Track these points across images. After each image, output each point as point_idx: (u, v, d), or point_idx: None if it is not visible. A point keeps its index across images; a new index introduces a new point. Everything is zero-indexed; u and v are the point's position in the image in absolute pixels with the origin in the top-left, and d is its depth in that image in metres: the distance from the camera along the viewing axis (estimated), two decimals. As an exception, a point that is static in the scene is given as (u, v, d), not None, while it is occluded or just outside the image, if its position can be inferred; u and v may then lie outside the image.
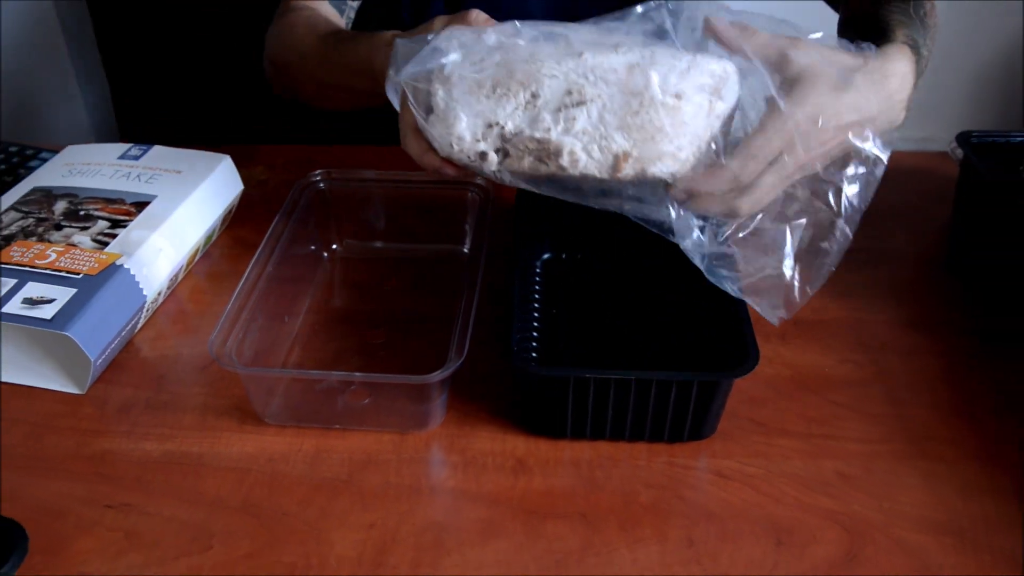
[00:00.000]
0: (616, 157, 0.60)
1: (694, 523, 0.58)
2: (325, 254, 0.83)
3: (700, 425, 0.62)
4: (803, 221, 0.65)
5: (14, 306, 0.66)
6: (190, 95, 1.78)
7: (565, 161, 0.61)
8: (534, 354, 0.68)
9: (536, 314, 0.71)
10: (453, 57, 0.61)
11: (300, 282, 0.78)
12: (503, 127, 0.61)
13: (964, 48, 1.92)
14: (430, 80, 0.61)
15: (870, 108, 0.62)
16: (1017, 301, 0.76)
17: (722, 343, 0.65)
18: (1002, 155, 0.84)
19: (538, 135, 0.60)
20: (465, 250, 0.82)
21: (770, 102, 0.60)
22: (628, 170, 0.60)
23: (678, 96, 0.59)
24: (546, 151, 0.61)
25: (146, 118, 1.82)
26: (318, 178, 0.82)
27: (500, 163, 0.62)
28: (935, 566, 0.55)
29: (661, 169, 0.60)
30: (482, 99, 0.60)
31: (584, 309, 0.74)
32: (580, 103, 0.60)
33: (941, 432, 0.65)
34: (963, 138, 0.85)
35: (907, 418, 0.66)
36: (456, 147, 0.62)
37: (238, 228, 0.88)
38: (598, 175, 0.61)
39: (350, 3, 0.95)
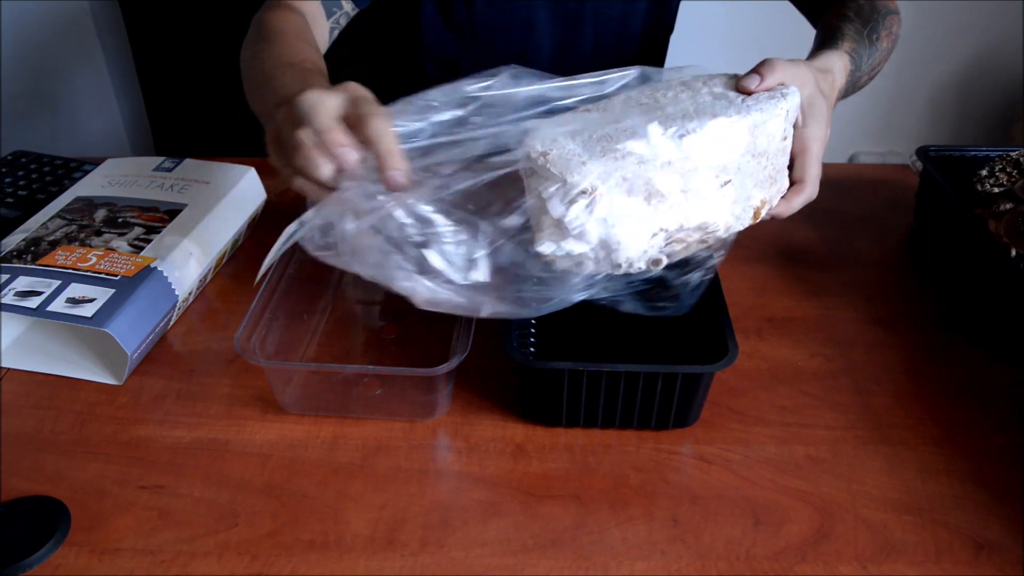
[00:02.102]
0: (755, 209, 0.61)
1: (679, 504, 0.57)
2: (341, 257, 0.83)
3: (684, 414, 0.62)
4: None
5: (59, 305, 0.66)
6: (220, 112, 1.78)
7: (721, 232, 0.59)
8: (532, 348, 0.68)
9: (534, 312, 0.70)
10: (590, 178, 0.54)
11: (318, 283, 0.77)
12: (669, 232, 0.57)
13: (924, 70, 1.93)
14: (563, 219, 0.55)
15: (834, 100, 0.71)
16: (971, 300, 0.76)
17: (704, 339, 0.64)
18: (958, 167, 0.84)
19: (697, 224, 0.58)
20: (469, 254, 0.82)
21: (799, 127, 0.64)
22: (763, 215, 0.62)
23: (785, 138, 0.61)
24: (705, 231, 0.59)
25: (179, 133, 1.82)
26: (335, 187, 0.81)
27: (668, 259, 0.58)
28: (897, 541, 0.55)
29: (776, 202, 0.63)
30: (642, 212, 0.56)
31: (578, 308, 0.73)
32: (727, 181, 0.58)
33: (902, 419, 0.64)
34: (922, 152, 0.85)
35: (871, 406, 0.66)
36: (623, 263, 0.56)
37: (262, 234, 0.87)
38: (741, 230, 0.61)
39: (345, 9, 0.87)
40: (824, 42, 0.75)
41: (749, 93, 0.60)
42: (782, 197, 0.64)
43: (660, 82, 0.63)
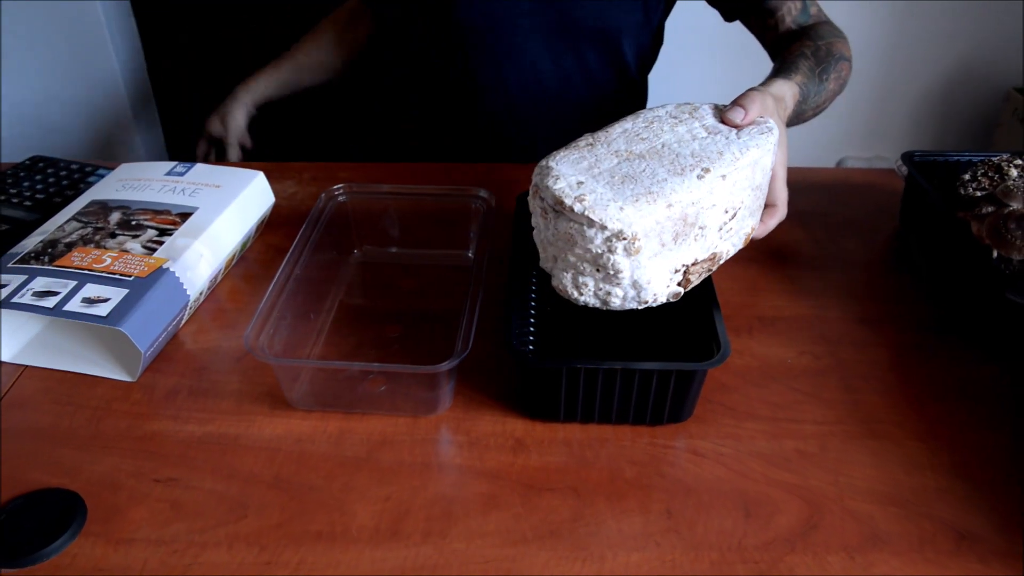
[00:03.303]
0: (747, 235, 0.65)
1: (673, 496, 0.58)
2: (346, 258, 0.83)
3: (678, 410, 0.62)
4: None
5: (75, 304, 0.66)
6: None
7: (722, 260, 0.63)
8: (531, 347, 0.68)
9: (532, 311, 0.71)
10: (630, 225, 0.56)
11: (324, 283, 0.77)
12: (686, 266, 0.61)
13: (908, 78, 1.93)
14: (602, 256, 0.57)
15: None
16: (954, 300, 0.76)
17: (697, 337, 0.65)
18: (941, 172, 0.85)
19: (708, 255, 0.62)
20: (470, 255, 0.82)
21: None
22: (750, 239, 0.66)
23: (772, 168, 0.64)
24: (713, 261, 0.62)
25: (191, 138, 1.82)
26: (340, 191, 0.81)
27: (684, 290, 0.62)
28: (882, 532, 0.55)
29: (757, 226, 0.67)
30: (667, 252, 0.58)
31: (575, 307, 0.73)
32: (732, 216, 0.61)
33: (888, 415, 0.65)
34: (907, 157, 0.85)
35: (858, 403, 0.66)
36: (649, 298, 0.60)
37: (270, 236, 0.88)
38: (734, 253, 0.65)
39: None
40: (779, 71, 0.80)
41: (736, 127, 0.64)
42: (761, 220, 0.68)
43: (650, 112, 0.66)
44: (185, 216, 0.78)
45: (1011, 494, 0.58)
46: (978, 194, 0.76)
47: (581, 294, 0.60)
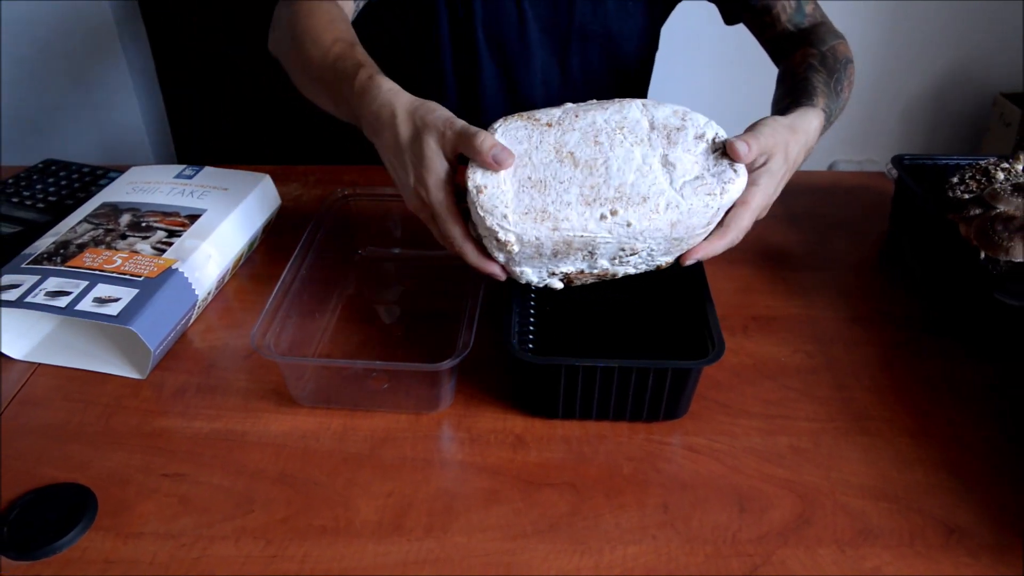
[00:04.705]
0: (659, 266, 0.64)
1: (669, 491, 0.57)
2: (350, 259, 0.83)
3: (674, 407, 0.62)
4: None
5: (86, 304, 0.66)
6: (237, 123, 1.78)
7: (620, 277, 0.64)
8: (530, 345, 0.68)
9: (532, 311, 0.70)
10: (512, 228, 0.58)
11: (329, 283, 0.77)
12: (567, 273, 0.62)
13: (899, 83, 1.93)
14: (493, 244, 0.60)
15: (798, 160, 0.70)
16: (943, 300, 0.76)
17: (692, 336, 0.64)
18: (931, 175, 0.84)
19: (597, 271, 0.63)
20: (471, 256, 0.82)
21: (750, 182, 0.62)
22: (665, 267, 0.65)
23: (709, 224, 0.61)
24: (604, 277, 0.64)
25: (199, 142, 1.82)
26: (344, 194, 0.81)
27: (564, 286, 0.65)
28: (874, 526, 0.55)
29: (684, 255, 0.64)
30: (544, 261, 0.61)
31: (574, 307, 0.73)
32: (633, 253, 0.61)
33: (879, 412, 0.64)
34: (897, 160, 0.85)
35: (850, 400, 0.65)
36: (523, 280, 0.63)
37: (276, 237, 0.87)
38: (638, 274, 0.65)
39: None
40: (799, 97, 0.74)
41: (738, 159, 0.60)
42: (706, 239, 0.63)
43: (633, 112, 0.62)
44: (194, 218, 0.78)
45: (1000, 489, 0.58)
46: (966, 197, 0.76)
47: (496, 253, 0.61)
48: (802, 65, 0.81)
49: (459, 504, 0.56)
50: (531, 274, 0.63)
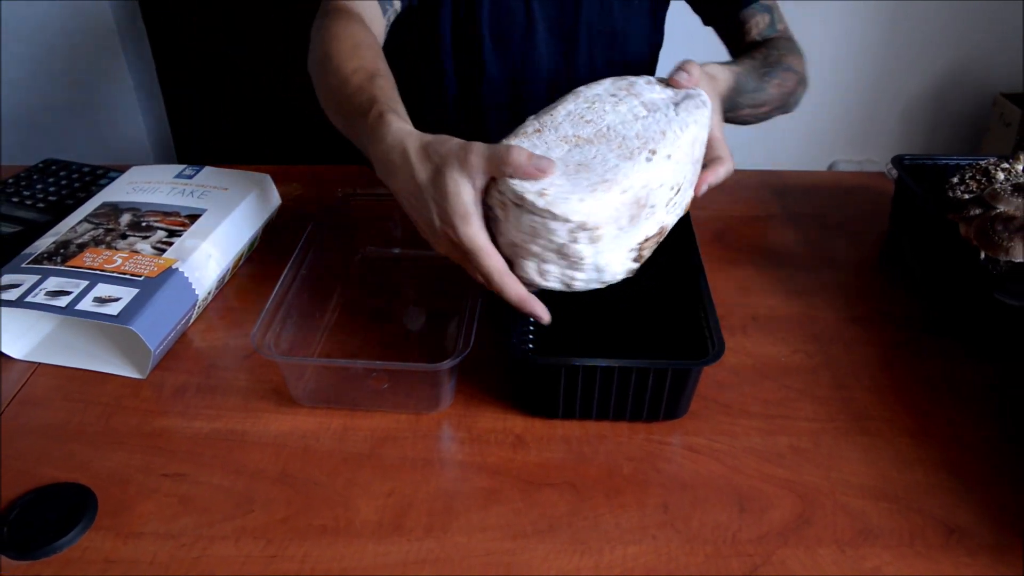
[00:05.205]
0: (687, 204, 0.64)
1: (669, 491, 0.57)
2: (350, 259, 0.83)
3: (674, 407, 0.62)
4: None
5: (87, 304, 0.66)
6: (237, 123, 1.78)
7: (667, 231, 0.63)
8: (530, 345, 0.68)
9: (532, 311, 0.70)
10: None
11: (329, 283, 0.77)
12: (641, 243, 0.60)
13: (899, 84, 1.93)
14: (566, 247, 0.57)
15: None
16: (943, 300, 0.76)
17: (692, 336, 0.64)
18: (931, 175, 0.84)
19: (657, 229, 0.61)
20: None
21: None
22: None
23: (711, 131, 0.65)
24: (661, 234, 0.62)
25: (199, 142, 1.82)
26: (344, 194, 0.81)
27: (638, 264, 0.62)
28: (874, 526, 0.55)
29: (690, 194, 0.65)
30: (626, 233, 0.58)
31: (573, 307, 0.73)
32: (677, 190, 0.61)
33: (879, 411, 0.64)
34: (897, 161, 0.85)
35: (850, 400, 0.65)
36: (610, 280, 0.60)
37: (276, 237, 0.87)
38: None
39: (395, 7, 0.87)
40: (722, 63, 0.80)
41: (682, 87, 0.65)
42: (707, 169, 0.66)
43: (589, 90, 0.67)
44: (194, 218, 0.78)
45: (1000, 489, 0.58)
46: (966, 197, 0.76)
47: (546, 281, 0.60)
48: (744, 53, 0.86)
49: (459, 504, 0.56)
50: (616, 263, 0.59)
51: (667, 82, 0.67)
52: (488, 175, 0.56)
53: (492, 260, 0.57)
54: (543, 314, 0.59)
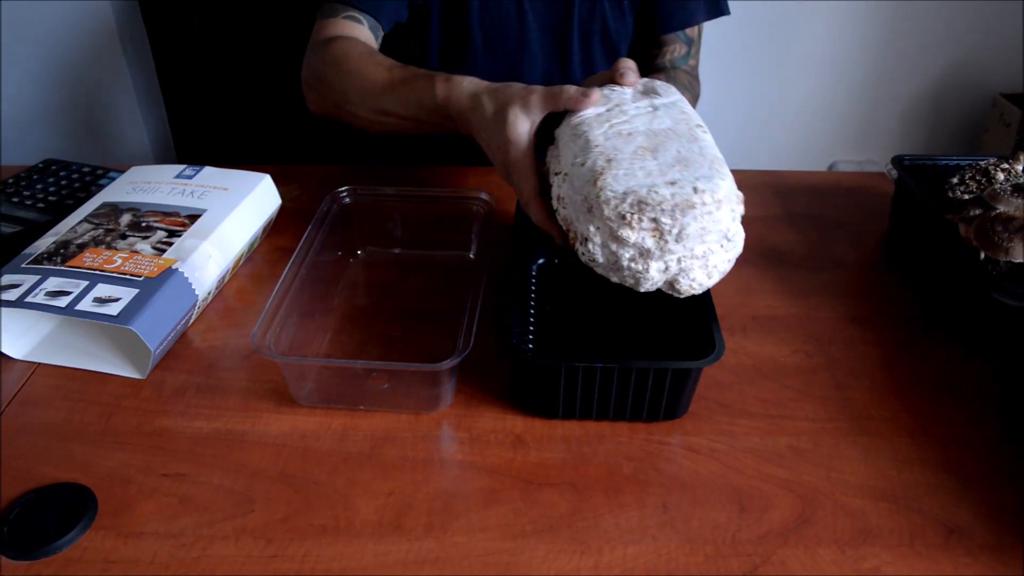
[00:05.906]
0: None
1: (669, 491, 0.57)
2: (351, 259, 0.83)
3: (674, 407, 0.62)
4: None
5: (86, 304, 0.66)
6: (237, 123, 1.78)
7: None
8: (531, 345, 0.68)
9: (532, 311, 0.70)
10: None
11: (329, 283, 0.77)
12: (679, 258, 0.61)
13: (899, 84, 1.93)
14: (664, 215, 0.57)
15: None
16: (943, 300, 0.76)
17: (692, 336, 0.64)
18: (930, 175, 0.84)
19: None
20: (471, 255, 0.82)
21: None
22: None
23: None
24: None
25: (199, 142, 1.82)
26: (344, 193, 0.81)
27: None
28: (873, 526, 0.55)
29: None
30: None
31: (574, 307, 0.73)
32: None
33: (878, 411, 0.64)
34: (897, 161, 0.85)
35: (849, 400, 0.66)
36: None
37: (276, 237, 0.87)
38: None
39: (381, 29, 0.94)
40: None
41: (630, 85, 0.70)
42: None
43: (610, 98, 0.68)
44: (194, 218, 0.78)
45: (1000, 489, 0.58)
46: (966, 197, 0.76)
47: (709, 278, 0.60)
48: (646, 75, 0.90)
49: (459, 504, 0.56)
50: (703, 277, 0.60)
51: (617, 82, 0.70)
52: (545, 111, 0.67)
53: (526, 181, 0.67)
54: (558, 235, 0.66)
